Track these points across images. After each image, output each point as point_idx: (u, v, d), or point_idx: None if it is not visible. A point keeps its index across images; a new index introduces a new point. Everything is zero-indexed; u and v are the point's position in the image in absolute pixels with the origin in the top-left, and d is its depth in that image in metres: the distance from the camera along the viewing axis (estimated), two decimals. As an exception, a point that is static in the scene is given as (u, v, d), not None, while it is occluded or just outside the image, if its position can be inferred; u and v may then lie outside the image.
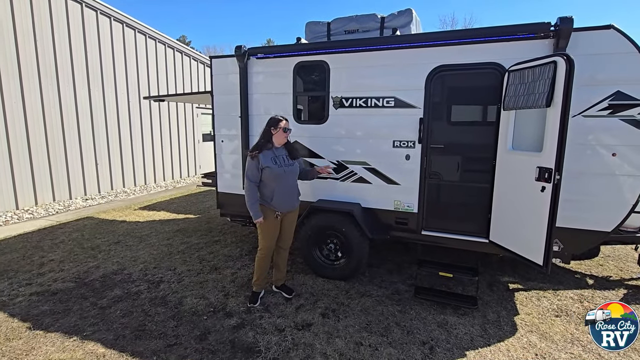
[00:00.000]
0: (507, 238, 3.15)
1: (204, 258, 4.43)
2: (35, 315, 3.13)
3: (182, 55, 10.77)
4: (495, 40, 3.12)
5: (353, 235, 3.59)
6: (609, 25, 2.77)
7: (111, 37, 8.38)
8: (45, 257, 4.46)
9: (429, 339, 2.78)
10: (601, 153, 2.91)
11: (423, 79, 3.38)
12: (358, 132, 3.72)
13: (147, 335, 2.84)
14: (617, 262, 4.32)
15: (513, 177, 3.04)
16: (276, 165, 3.07)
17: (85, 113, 7.85)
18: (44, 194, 7.14)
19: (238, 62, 4.04)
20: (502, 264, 4.17)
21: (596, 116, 2.88)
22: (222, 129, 4.39)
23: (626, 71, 2.77)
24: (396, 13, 4.00)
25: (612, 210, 2.95)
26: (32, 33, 6.70)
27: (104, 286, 3.68)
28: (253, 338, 2.79)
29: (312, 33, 4.39)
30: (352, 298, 3.41)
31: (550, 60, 2.62)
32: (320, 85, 3.84)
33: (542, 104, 2.62)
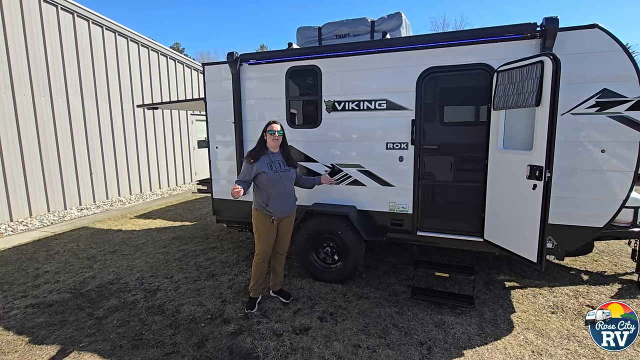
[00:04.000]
0: (501, 236, 3.18)
1: (201, 265, 4.42)
2: (31, 328, 3.11)
3: (175, 62, 10.78)
4: (483, 42, 3.17)
5: (349, 238, 3.60)
6: (594, 24, 2.83)
7: (104, 46, 8.37)
8: (41, 269, 4.43)
9: (426, 340, 2.79)
10: (590, 150, 2.95)
11: (414, 81, 3.41)
12: (351, 135, 3.74)
13: (144, 344, 2.83)
14: (612, 257, 4.36)
15: (505, 176, 3.08)
16: (272, 171, 3.07)
17: (78, 122, 7.82)
18: (38, 205, 7.08)
19: (230, 69, 4.06)
20: (498, 263, 4.20)
21: (585, 114, 2.92)
22: (216, 135, 4.40)
23: (611, 69, 2.82)
24: (386, 17, 4.03)
25: (603, 206, 2.99)
26: (23, 43, 6.67)
27: (100, 296, 3.66)
28: (251, 344, 2.78)
29: (304, 38, 4.41)
30: (350, 301, 3.41)
31: (538, 60, 2.67)
32: (313, 89, 3.87)
33: (531, 103, 2.67)
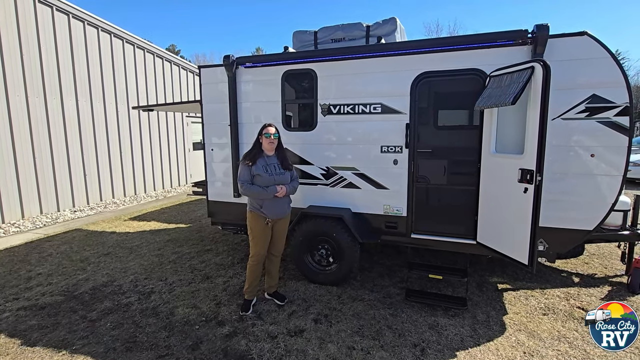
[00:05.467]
0: (494, 239, 3.22)
1: (196, 267, 4.41)
2: (23, 331, 3.08)
3: (170, 64, 10.77)
4: (475, 47, 3.23)
5: (344, 240, 3.62)
6: (583, 32, 2.89)
7: (99, 47, 8.34)
8: (33, 271, 4.39)
9: (420, 341, 2.82)
10: (580, 154, 3.01)
11: (408, 86, 3.46)
12: (346, 139, 3.77)
13: (138, 347, 2.82)
14: (602, 259, 4.43)
15: (497, 180, 3.12)
16: (267, 174, 3.10)
17: (73, 123, 7.77)
18: (31, 207, 7.01)
19: (227, 72, 4.08)
20: (491, 265, 4.24)
21: (575, 119, 2.98)
22: (212, 137, 4.41)
23: (600, 75, 2.88)
24: (381, 22, 4.09)
25: (592, 209, 3.05)
26: (17, 44, 6.64)
27: (93, 299, 3.64)
28: (245, 346, 2.78)
29: (300, 42, 4.45)
30: (344, 303, 3.43)
31: (528, 65, 2.73)
32: (309, 92, 3.90)
33: (508, 102, 2.64)
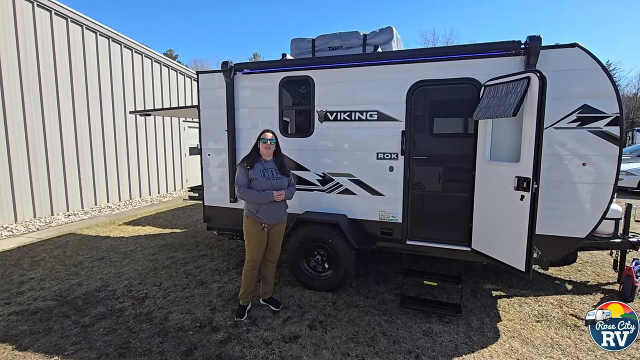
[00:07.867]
0: (489, 246, 3.25)
1: (190, 273, 4.38)
2: (14, 336, 3.04)
3: (168, 69, 10.80)
4: (470, 57, 3.29)
5: (339, 246, 3.63)
6: (574, 43, 2.97)
7: (97, 52, 8.36)
8: (25, 276, 4.33)
9: (414, 348, 2.82)
10: (572, 163, 3.07)
11: (404, 94, 3.51)
12: (343, 145, 3.81)
13: (131, 352, 2.79)
14: (595, 267, 4.47)
15: (492, 187, 3.16)
16: (264, 178, 3.11)
17: (68, 127, 7.74)
18: (24, 210, 6.94)
19: (225, 77, 4.11)
20: (485, 272, 4.27)
21: (566, 128, 3.04)
22: (209, 142, 4.43)
23: (591, 86, 2.95)
24: (378, 31, 4.16)
25: (585, 217, 3.09)
26: (15, 47, 6.63)
27: (86, 304, 3.60)
28: (240, 352, 2.77)
29: (298, 49, 4.50)
30: (340, 309, 3.43)
31: (525, 76, 2.78)
32: (306, 99, 3.94)
33: (509, 113, 2.71)
